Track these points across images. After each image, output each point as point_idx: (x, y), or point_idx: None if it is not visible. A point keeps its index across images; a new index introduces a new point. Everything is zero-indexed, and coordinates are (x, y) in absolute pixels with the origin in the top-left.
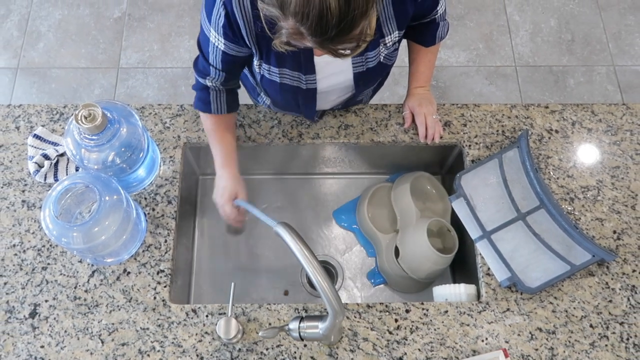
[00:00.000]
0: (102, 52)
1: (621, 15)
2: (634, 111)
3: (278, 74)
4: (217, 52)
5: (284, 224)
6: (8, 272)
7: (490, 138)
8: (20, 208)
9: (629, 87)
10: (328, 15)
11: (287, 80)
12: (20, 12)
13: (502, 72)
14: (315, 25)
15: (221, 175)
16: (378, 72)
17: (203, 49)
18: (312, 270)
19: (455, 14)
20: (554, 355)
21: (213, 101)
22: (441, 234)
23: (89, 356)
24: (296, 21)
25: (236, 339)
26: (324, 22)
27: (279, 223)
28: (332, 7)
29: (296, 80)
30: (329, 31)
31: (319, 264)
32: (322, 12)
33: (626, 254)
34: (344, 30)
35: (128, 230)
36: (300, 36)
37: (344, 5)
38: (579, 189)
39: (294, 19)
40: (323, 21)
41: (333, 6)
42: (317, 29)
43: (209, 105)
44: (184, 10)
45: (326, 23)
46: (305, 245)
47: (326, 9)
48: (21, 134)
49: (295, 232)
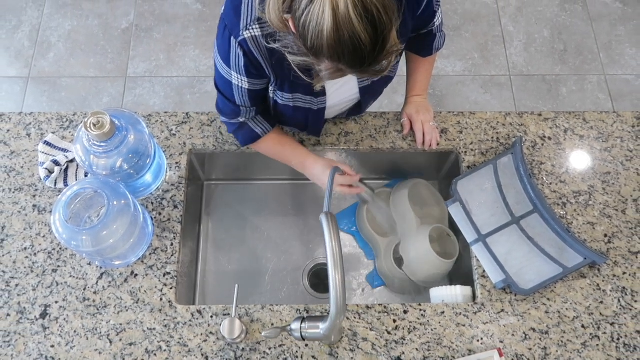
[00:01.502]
0: (111, 61)
1: (612, 26)
2: (624, 119)
3: (291, 99)
4: (243, 92)
5: (329, 214)
6: (20, 274)
7: (486, 145)
8: (32, 212)
9: (620, 96)
10: (361, 46)
11: (299, 104)
12: (32, 23)
13: (496, 81)
14: (351, 59)
15: (309, 169)
16: (382, 84)
17: (226, 94)
18: (333, 264)
19: (451, 24)
20: (547, 354)
21: (255, 127)
22: (441, 239)
23: (98, 356)
24: (333, 62)
25: (240, 338)
26: (360, 54)
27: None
28: (363, 38)
29: (308, 103)
30: (366, 60)
31: (342, 261)
32: (356, 46)
33: (617, 257)
34: (380, 51)
35: (135, 234)
36: (340, 72)
37: (372, 32)
38: (571, 194)
39: (330, 60)
40: (358, 54)
41: (363, 37)
42: (354, 62)
43: (254, 132)
44: (189, 21)
45: (361, 54)
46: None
47: (358, 41)
48: (32, 140)
49: (335, 225)
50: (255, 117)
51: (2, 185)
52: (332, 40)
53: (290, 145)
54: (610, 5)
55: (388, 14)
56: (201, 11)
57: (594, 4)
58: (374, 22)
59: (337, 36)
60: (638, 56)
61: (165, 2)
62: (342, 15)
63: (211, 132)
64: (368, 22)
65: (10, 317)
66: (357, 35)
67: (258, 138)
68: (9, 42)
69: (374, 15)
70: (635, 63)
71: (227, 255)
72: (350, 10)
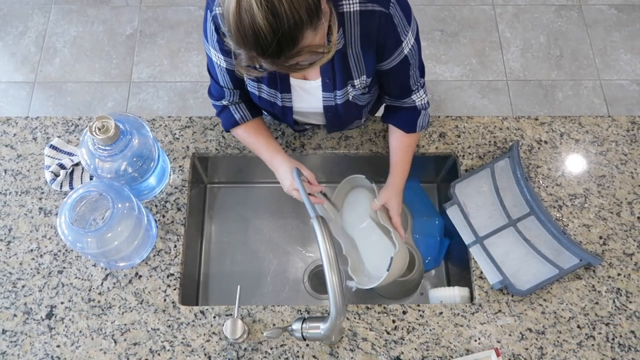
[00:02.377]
0: (115, 67)
1: (607, 32)
2: (619, 123)
3: (257, 88)
4: (223, 71)
5: (321, 218)
6: (26, 275)
7: (483, 148)
8: (38, 215)
9: (614, 100)
10: (261, 33)
11: (264, 95)
12: (38, 29)
13: (494, 86)
14: (255, 45)
15: (276, 168)
16: (348, 110)
17: (212, 74)
18: (329, 266)
19: (449, 31)
20: (543, 354)
21: (235, 112)
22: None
23: (103, 355)
24: (241, 47)
25: (242, 338)
26: (261, 41)
27: (317, 216)
28: (261, 24)
29: (272, 96)
30: (268, 47)
31: (337, 262)
32: (256, 33)
33: (611, 259)
34: (285, 44)
35: (139, 236)
36: (253, 59)
37: (272, 20)
38: (567, 196)
39: (239, 45)
40: (260, 40)
41: (262, 24)
42: (258, 48)
43: (233, 118)
44: (192, 27)
45: (263, 42)
46: (331, 243)
47: (257, 27)
48: (38, 144)
49: (327, 229)
50: (239, 104)
51: (9, 188)
52: (234, 24)
53: (265, 138)
54: (605, 12)
55: (294, 8)
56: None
57: (589, 10)
58: (274, 12)
59: (238, 20)
60: (632, 62)
61: (169, 8)
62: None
63: (214, 136)
64: (268, 10)
65: (17, 317)
66: (256, 21)
67: (236, 124)
68: (16, 47)
69: (275, 5)
70: (629, 68)
71: (229, 256)
72: None
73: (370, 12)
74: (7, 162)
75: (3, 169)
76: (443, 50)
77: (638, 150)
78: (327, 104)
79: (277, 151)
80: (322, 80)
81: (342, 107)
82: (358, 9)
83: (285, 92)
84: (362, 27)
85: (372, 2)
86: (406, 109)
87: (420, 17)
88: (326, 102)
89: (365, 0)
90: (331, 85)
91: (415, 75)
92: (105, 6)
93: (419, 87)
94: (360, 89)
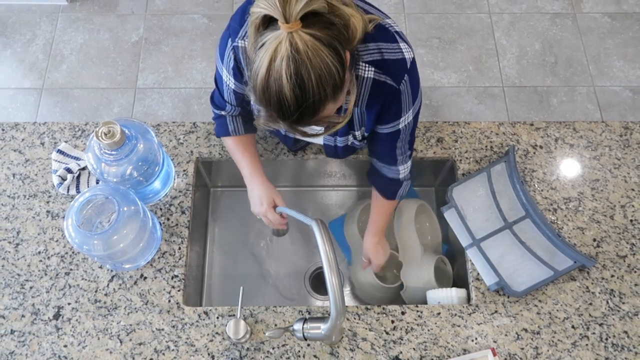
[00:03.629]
0: (121, 73)
1: (600, 39)
2: (612, 128)
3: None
4: (230, 91)
5: (320, 220)
6: (34, 277)
7: (480, 153)
8: (45, 218)
9: (608, 106)
10: (285, 102)
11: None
12: (45, 37)
13: (490, 92)
14: (277, 110)
15: (252, 186)
16: (346, 150)
17: (219, 86)
18: (329, 268)
19: (447, 38)
20: (538, 354)
21: (230, 124)
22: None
23: (109, 355)
24: (262, 106)
25: (244, 339)
26: (285, 109)
27: (315, 219)
28: (288, 96)
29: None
30: (290, 115)
31: (337, 264)
32: (280, 101)
33: (605, 261)
34: (307, 114)
35: (145, 239)
36: (273, 119)
37: (299, 93)
38: (562, 200)
39: (261, 104)
40: (283, 108)
41: (289, 95)
42: (279, 114)
43: (226, 127)
44: (196, 35)
45: (285, 110)
46: (330, 245)
47: (283, 97)
48: (46, 149)
49: (326, 231)
50: (236, 117)
51: (17, 192)
52: (261, 87)
53: (250, 155)
54: (599, 20)
55: (321, 85)
56: (207, 25)
57: (584, 18)
58: (302, 86)
59: (266, 85)
60: (625, 68)
61: (173, 16)
62: (275, 68)
63: (217, 141)
64: (296, 85)
65: (25, 318)
66: (283, 91)
67: (227, 134)
68: (24, 54)
69: (304, 80)
70: (622, 75)
71: (232, 258)
72: (284, 68)
73: (382, 83)
74: (16, 166)
75: (12, 173)
76: (441, 57)
77: (631, 155)
78: (327, 143)
79: (258, 173)
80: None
81: (341, 148)
82: (372, 76)
83: None
84: (371, 93)
85: (386, 74)
86: (388, 179)
87: (419, 25)
88: (327, 142)
89: (380, 72)
90: (333, 133)
91: (404, 147)
92: (111, 14)
93: (406, 158)
94: (359, 139)
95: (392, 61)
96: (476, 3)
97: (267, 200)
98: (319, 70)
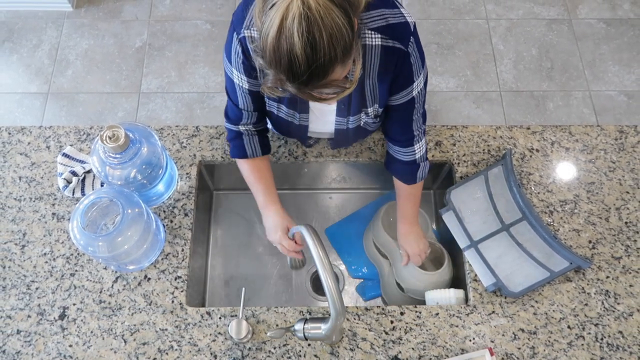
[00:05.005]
0: (125, 78)
1: (596, 45)
2: (608, 132)
3: (276, 107)
4: (244, 93)
5: (308, 225)
6: (40, 278)
7: (477, 156)
8: (51, 220)
9: (603, 110)
10: (296, 61)
11: (282, 115)
12: (51, 42)
13: (488, 97)
14: (287, 71)
15: (267, 214)
16: (357, 134)
17: (232, 97)
18: (324, 271)
19: (445, 44)
20: (535, 353)
21: (247, 145)
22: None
23: (113, 354)
24: (272, 68)
25: (246, 338)
26: (295, 68)
27: (304, 225)
28: (299, 53)
29: (290, 116)
30: (300, 76)
31: (331, 266)
32: (291, 60)
33: (600, 262)
34: (316, 75)
35: (148, 240)
36: (281, 82)
37: (310, 51)
38: (558, 202)
39: (270, 66)
40: (294, 67)
41: (299, 53)
42: (289, 74)
43: (243, 149)
44: (199, 40)
45: (295, 69)
46: (322, 248)
47: (294, 55)
48: (51, 152)
49: (316, 235)
50: (253, 136)
51: (23, 195)
52: (272, 47)
53: (265, 182)
54: (595, 26)
55: (332, 45)
56: (210, 31)
57: (579, 24)
58: (314, 45)
59: (277, 44)
60: (620, 73)
61: (177, 22)
62: (287, 26)
63: (219, 145)
64: (308, 43)
65: (31, 318)
66: (294, 50)
67: (245, 157)
68: (30, 60)
69: (316, 39)
70: (617, 80)
71: (234, 260)
72: (296, 25)
73: (391, 49)
74: (22, 169)
75: (18, 176)
76: (439, 62)
77: (626, 158)
78: (338, 127)
79: (273, 201)
80: (337, 106)
81: (352, 131)
82: (380, 43)
83: (304, 113)
84: (381, 61)
85: (393, 38)
86: (406, 163)
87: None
88: (338, 125)
89: (387, 37)
90: (345, 111)
91: (419, 121)
92: (116, 20)
93: (421, 134)
94: (372, 117)
95: (397, 25)
96: (474, 9)
97: (281, 228)
98: (330, 29)
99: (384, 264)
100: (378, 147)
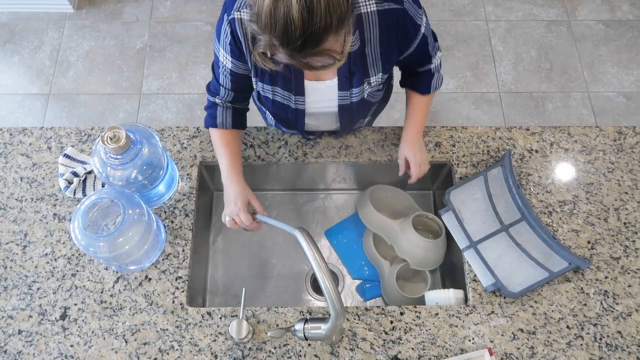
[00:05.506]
0: (126, 79)
1: (594, 46)
2: (606, 133)
3: (271, 91)
4: (226, 71)
5: (302, 229)
6: (41, 278)
7: (477, 157)
8: (52, 220)
9: (602, 111)
10: (292, 25)
11: (278, 98)
12: (52, 44)
13: (487, 98)
14: (282, 35)
15: (229, 186)
16: (361, 107)
17: (215, 72)
18: (321, 274)
19: (445, 45)
20: (534, 353)
21: (219, 115)
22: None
23: (114, 354)
24: (266, 32)
25: (247, 338)
26: (290, 32)
27: (297, 228)
28: (295, 17)
29: (286, 99)
30: (294, 41)
31: (328, 268)
32: (287, 23)
33: (599, 262)
34: (310, 42)
35: (149, 241)
36: (273, 47)
37: (306, 16)
38: (557, 203)
39: (263, 31)
40: (289, 31)
41: (296, 17)
42: (283, 38)
43: (215, 119)
44: (199, 42)
45: (291, 33)
46: (317, 251)
47: (290, 19)
48: (53, 153)
49: (310, 238)
50: (227, 108)
51: (25, 195)
52: (268, 9)
53: (232, 151)
54: (594, 27)
55: (329, 12)
56: (211, 32)
57: (578, 25)
58: (311, 9)
59: (274, 7)
60: (619, 74)
61: (177, 24)
62: None
63: None
64: (305, 6)
65: (33, 318)
66: (291, 13)
67: (214, 126)
68: (31, 61)
69: (314, 3)
70: (616, 81)
71: (234, 260)
72: None
73: (387, 11)
74: (23, 170)
75: (19, 176)
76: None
77: (624, 159)
78: (342, 103)
79: (236, 172)
80: (339, 80)
81: (356, 104)
82: (375, 9)
83: (299, 95)
84: (381, 26)
85: (386, 0)
86: (421, 73)
87: None
88: (342, 100)
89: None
90: (348, 83)
91: (432, 44)
92: (117, 22)
93: (436, 50)
94: (376, 85)
95: None
96: (473, 11)
97: (241, 201)
98: None
99: (384, 265)
100: (378, 148)
